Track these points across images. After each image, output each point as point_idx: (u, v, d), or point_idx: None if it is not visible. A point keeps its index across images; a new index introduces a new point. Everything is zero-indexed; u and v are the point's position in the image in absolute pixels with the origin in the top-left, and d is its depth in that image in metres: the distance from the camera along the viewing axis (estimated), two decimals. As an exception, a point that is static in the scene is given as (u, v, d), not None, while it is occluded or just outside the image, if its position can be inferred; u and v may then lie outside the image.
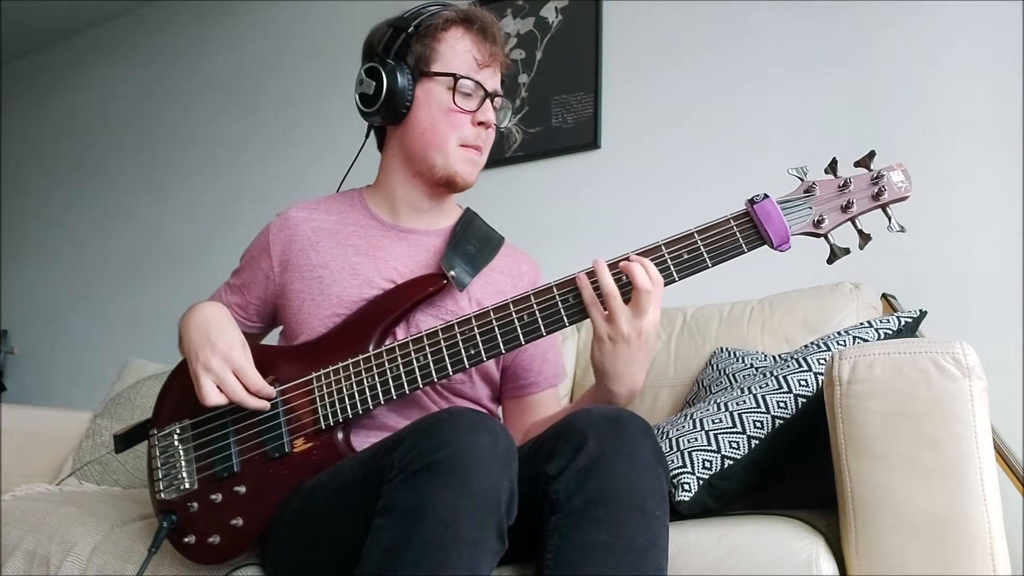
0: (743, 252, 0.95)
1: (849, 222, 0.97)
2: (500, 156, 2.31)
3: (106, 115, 3.53)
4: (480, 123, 1.14)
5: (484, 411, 1.16)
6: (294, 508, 1.00)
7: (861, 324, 1.20)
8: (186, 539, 1.05)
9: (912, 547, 0.82)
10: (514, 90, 2.34)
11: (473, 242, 1.18)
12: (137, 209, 3.29)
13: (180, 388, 1.11)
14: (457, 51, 1.13)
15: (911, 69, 1.78)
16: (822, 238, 0.97)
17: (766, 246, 0.95)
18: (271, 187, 2.87)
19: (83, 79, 3.69)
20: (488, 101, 1.14)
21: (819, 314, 1.44)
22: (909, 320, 1.18)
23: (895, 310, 1.50)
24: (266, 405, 1.04)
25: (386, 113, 1.13)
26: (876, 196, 0.95)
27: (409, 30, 1.12)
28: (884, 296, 1.54)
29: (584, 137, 2.20)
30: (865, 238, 0.96)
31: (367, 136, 1.25)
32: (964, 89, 1.71)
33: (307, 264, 1.17)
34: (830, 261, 0.97)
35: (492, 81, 1.16)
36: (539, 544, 0.84)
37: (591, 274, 0.97)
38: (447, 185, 1.16)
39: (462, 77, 1.12)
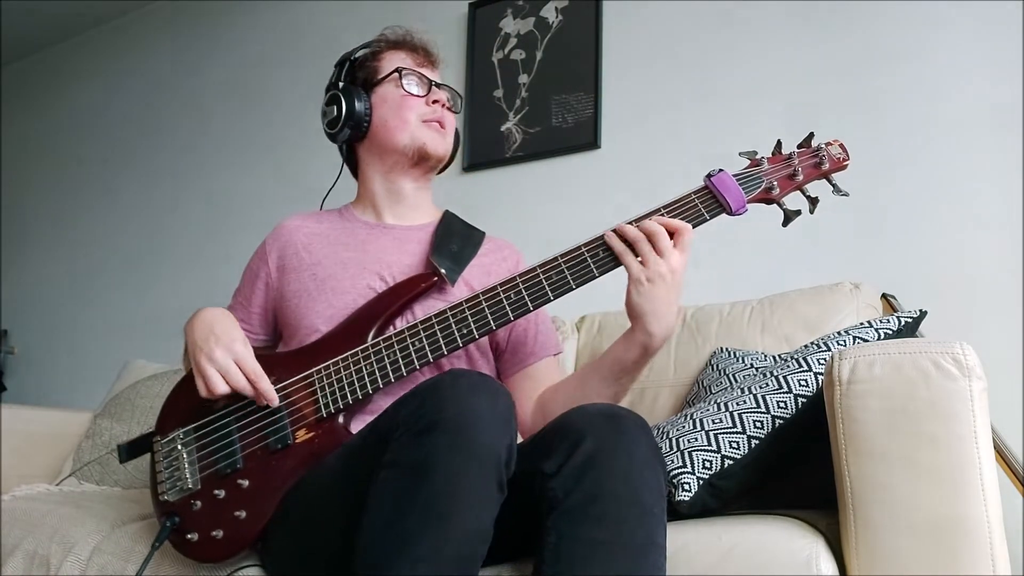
0: (705, 220, 1.05)
1: (797, 190, 1.08)
2: (500, 156, 2.31)
3: (107, 116, 3.53)
4: (434, 101, 1.26)
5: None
6: (298, 494, 1.01)
7: (861, 324, 1.20)
8: (188, 536, 1.05)
9: (912, 547, 0.82)
10: (514, 90, 2.34)
11: (456, 240, 1.26)
12: (138, 209, 3.29)
13: (183, 398, 1.13)
14: (395, 61, 1.29)
15: (911, 69, 1.78)
16: (775, 204, 1.08)
17: (725, 213, 1.04)
18: (273, 188, 2.87)
19: (84, 79, 3.69)
20: (436, 88, 1.28)
21: (819, 314, 1.44)
22: (909, 320, 1.18)
23: (895, 310, 1.50)
24: (272, 396, 1.05)
25: (352, 124, 1.25)
26: (818, 165, 1.07)
27: (352, 58, 1.30)
28: (884, 296, 1.54)
29: (584, 137, 2.19)
30: (813, 202, 1.08)
31: (344, 159, 1.36)
32: (964, 89, 1.71)
33: (301, 265, 1.23)
34: (784, 223, 1.08)
35: (433, 75, 1.30)
36: (537, 542, 0.84)
37: (617, 231, 1.04)
38: (422, 160, 1.25)
39: (404, 69, 1.26)
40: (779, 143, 1.10)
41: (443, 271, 1.17)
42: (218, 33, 3.23)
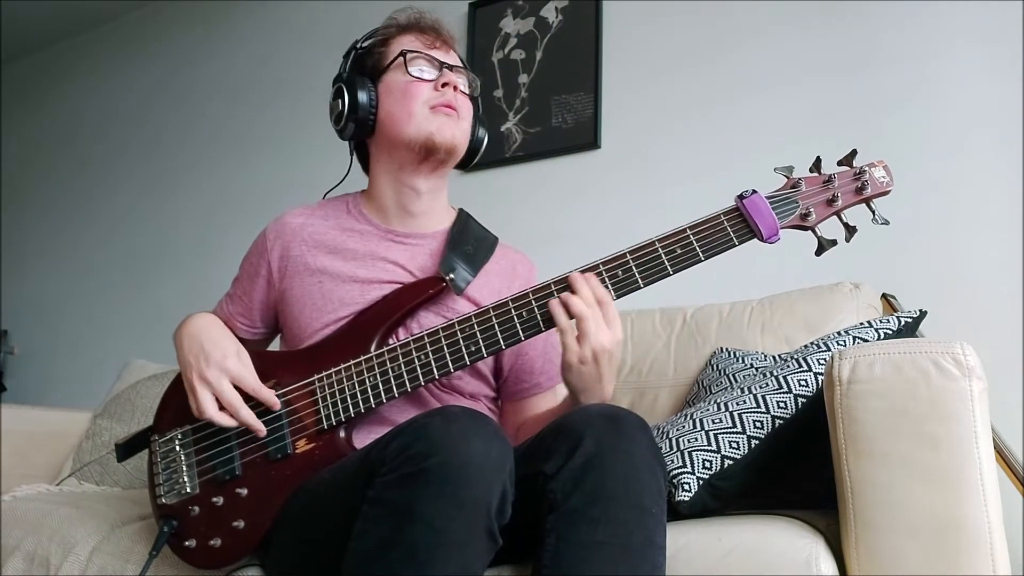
0: (734, 245, 0.98)
1: (835, 216, 1.00)
2: (500, 156, 2.31)
3: (108, 116, 3.53)
4: (444, 84, 1.15)
5: (482, 409, 1.17)
6: (296, 505, 1.00)
7: (861, 324, 1.20)
8: (187, 543, 1.05)
9: (912, 547, 0.82)
10: (514, 90, 2.34)
11: (471, 242, 1.19)
12: (138, 209, 3.29)
13: (180, 396, 1.10)
14: (402, 45, 1.18)
15: (911, 69, 1.78)
16: (809, 231, 1.00)
17: (756, 239, 0.98)
18: (273, 188, 2.87)
19: (84, 80, 3.69)
20: (447, 70, 1.16)
21: (819, 314, 1.44)
22: (909, 320, 1.18)
23: (895, 310, 1.51)
24: (262, 428, 1.04)
25: (356, 119, 1.15)
26: (859, 191, 0.99)
27: (359, 47, 1.21)
28: (884, 296, 1.54)
29: (584, 137, 2.19)
30: (851, 231, 1.00)
31: (352, 156, 1.28)
32: (964, 89, 1.71)
33: (306, 270, 1.17)
34: (818, 253, 1.00)
35: (445, 57, 1.19)
36: (536, 543, 0.84)
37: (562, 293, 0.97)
38: (430, 152, 1.14)
39: (410, 51, 1.16)
40: (818, 160, 1.01)
41: (451, 277, 1.11)
42: (218, 33, 3.23)
